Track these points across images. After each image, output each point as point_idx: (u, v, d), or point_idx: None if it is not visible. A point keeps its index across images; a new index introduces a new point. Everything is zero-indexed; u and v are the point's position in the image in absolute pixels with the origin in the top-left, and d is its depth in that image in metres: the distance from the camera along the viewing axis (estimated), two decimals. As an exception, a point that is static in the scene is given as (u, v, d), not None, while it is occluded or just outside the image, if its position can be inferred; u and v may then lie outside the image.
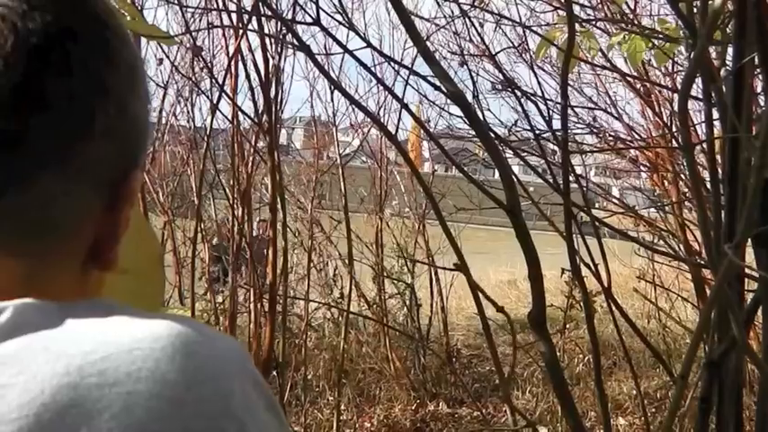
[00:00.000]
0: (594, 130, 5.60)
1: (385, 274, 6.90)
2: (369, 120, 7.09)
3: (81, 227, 0.74)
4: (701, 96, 2.45)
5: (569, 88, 2.36)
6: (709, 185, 2.20)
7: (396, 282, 7.05)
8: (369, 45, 2.37)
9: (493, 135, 2.54)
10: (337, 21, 2.43)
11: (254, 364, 0.73)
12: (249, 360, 0.72)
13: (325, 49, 5.11)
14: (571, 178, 2.31)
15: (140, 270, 1.08)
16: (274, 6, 3.16)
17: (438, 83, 2.30)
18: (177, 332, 0.66)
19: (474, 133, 5.45)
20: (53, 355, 0.61)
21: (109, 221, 0.76)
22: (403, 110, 6.26)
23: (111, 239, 0.77)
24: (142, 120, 0.78)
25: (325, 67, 6.07)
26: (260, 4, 3.78)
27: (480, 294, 2.29)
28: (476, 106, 3.36)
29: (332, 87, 5.90)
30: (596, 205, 5.81)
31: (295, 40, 2.13)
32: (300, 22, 2.38)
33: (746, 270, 2.02)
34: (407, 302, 6.97)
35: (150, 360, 0.63)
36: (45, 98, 0.67)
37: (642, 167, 6.19)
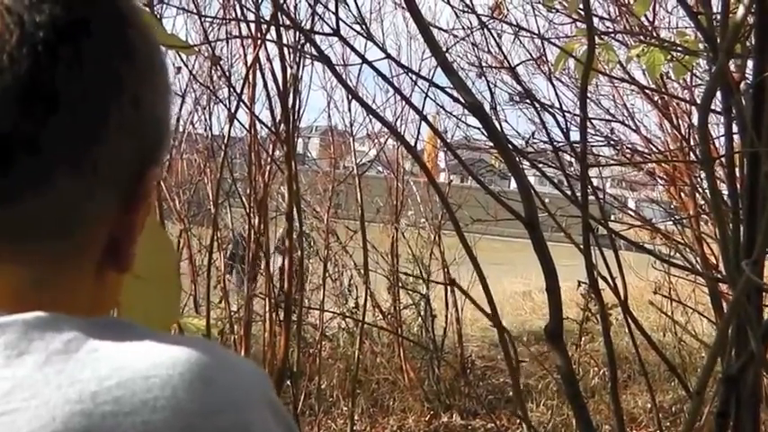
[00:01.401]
0: (612, 143, 5.59)
1: (400, 284, 6.89)
2: (385, 130, 7.11)
3: (97, 228, 0.71)
4: (720, 110, 2.45)
5: (587, 100, 2.36)
6: (727, 199, 2.20)
7: (411, 292, 7.04)
8: (388, 56, 2.38)
9: (510, 146, 2.54)
10: (356, 31, 2.44)
11: (273, 389, 0.71)
12: (269, 386, 0.70)
13: (343, 59, 5.13)
14: (588, 190, 2.31)
15: (156, 278, 1.08)
16: (293, 16, 3.17)
17: (456, 94, 2.31)
18: (195, 359, 0.63)
19: (490, 144, 5.47)
20: (66, 380, 0.59)
21: (125, 221, 0.73)
22: (419, 120, 6.29)
23: (129, 240, 0.74)
24: (161, 116, 0.75)
25: (343, 78, 6.09)
26: (279, 13, 3.80)
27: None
28: (493, 117, 3.36)
29: (349, 97, 5.92)
30: (612, 217, 5.80)
31: (315, 51, 2.13)
32: (320, 33, 2.38)
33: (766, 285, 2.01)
34: (422, 313, 6.96)
35: (168, 388, 0.60)
36: (55, 96, 0.65)
37: (659, 180, 6.17)
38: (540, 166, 3.33)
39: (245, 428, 0.63)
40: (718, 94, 2.15)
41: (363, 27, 2.49)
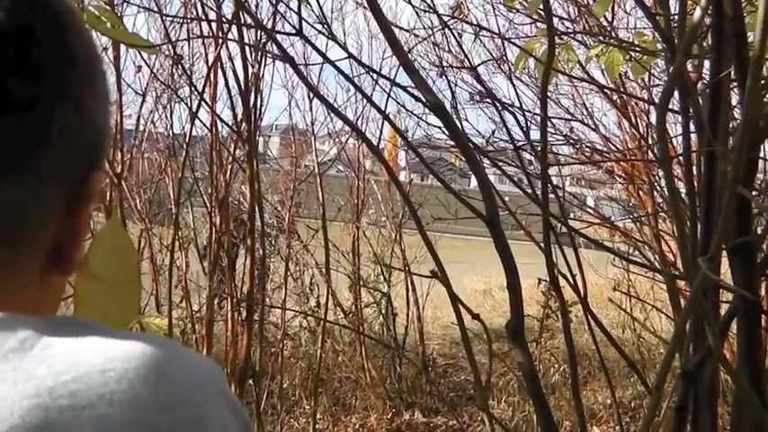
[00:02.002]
0: (571, 141, 5.64)
1: (361, 283, 6.91)
2: (346, 129, 7.12)
3: (43, 232, 0.72)
4: (677, 109, 2.49)
5: (547, 100, 2.39)
6: (685, 197, 2.24)
7: (372, 291, 7.06)
8: (350, 56, 2.39)
9: (471, 145, 2.56)
10: (318, 30, 2.45)
11: (228, 385, 0.71)
12: (225, 382, 0.70)
13: (305, 58, 5.13)
14: (548, 189, 2.33)
15: (117, 278, 1.09)
16: (255, 15, 3.17)
17: (418, 93, 2.32)
18: (150, 353, 0.63)
19: (451, 143, 5.50)
20: (23, 376, 0.59)
21: (70, 224, 0.74)
22: (380, 119, 6.31)
23: (73, 243, 0.75)
24: (102, 120, 0.76)
25: (306, 77, 6.09)
26: (240, 12, 3.80)
27: (472, 296, 2.31)
28: (454, 116, 3.38)
29: (311, 96, 5.92)
30: (571, 215, 5.85)
31: (278, 50, 2.14)
32: (283, 33, 2.39)
33: (722, 282, 2.04)
34: (383, 312, 6.98)
35: (124, 382, 0.60)
36: (3, 100, 0.66)
37: (618, 178, 6.24)
38: (501, 164, 3.35)
39: (202, 422, 0.63)
40: (676, 93, 2.18)
41: (326, 27, 2.50)
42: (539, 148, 3.17)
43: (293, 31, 2.18)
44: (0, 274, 0.69)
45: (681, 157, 2.47)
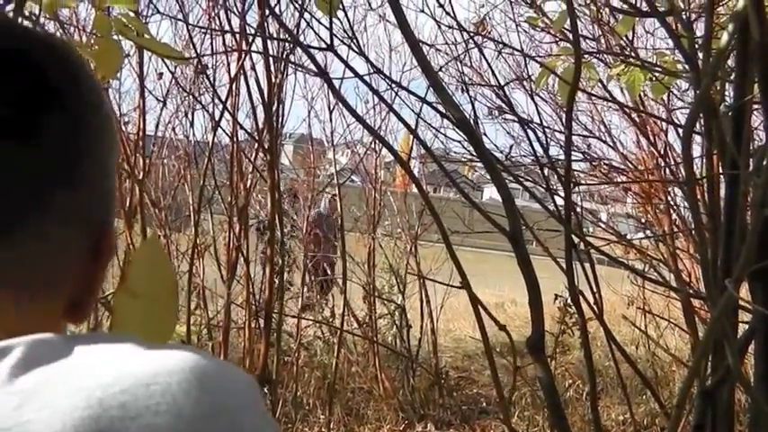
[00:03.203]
0: (589, 158, 5.66)
1: (376, 294, 6.93)
2: (364, 140, 7.17)
3: (68, 281, 0.77)
4: (699, 131, 2.51)
5: (571, 118, 2.42)
6: (706, 219, 2.26)
7: (386, 302, 7.08)
8: (378, 71, 2.42)
9: (496, 161, 2.59)
10: (348, 45, 2.48)
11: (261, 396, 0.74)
12: (258, 393, 0.73)
13: (325, 69, 5.16)
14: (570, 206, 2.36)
15: (155, 295, 1.11)
16: (285, 26, 3.21)
17: (442, 108, 2.35)
18: (191, 366, 0.66)
19: (466, 156, 5.52)
20: (72, 389, 0.62)
21: (91, 275, 0.80)
22: (396, 131, 6.33)
23: (91, 293, 0.81)
24: (113, 167, 0.82)
25: (323, 89, 6.14)
26: (264, 23, 3.84)
27: (482, 313, 2.33)
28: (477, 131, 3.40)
29: (330, 107, 5.97)
30: (585, 230, 5.87)
31: (312, 63, 2.18)
32: (315, 47, 2.42)
33: (741, 303, 2.06)
34: (397, 323, 7.00)
35: (168, 394, 0.63)
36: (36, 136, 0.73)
37: (635, 196, 6.25)
38: (520, 180, 3.38)
39: (238, 429, 0.66)
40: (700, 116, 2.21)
41: (354, 42, 2.54)
42: (559, 165, 3.20)
43: (324, 47, 2.22)
44: (30, 321, 0.72)
45: (702, 179, 2.49)
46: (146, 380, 0.64)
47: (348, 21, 2.57)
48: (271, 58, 4.34)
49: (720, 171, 2.11)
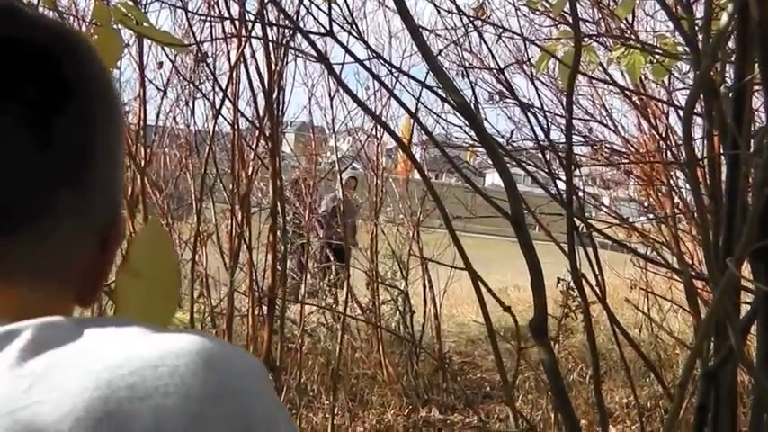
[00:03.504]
0: (590, 142, 5.66)
1: (379, 280, 6.94)
2: (365, 127, 7.18)
3: (77, 272, 0.80)
4: (700, 112, 2.51)
5: (572, 102, 2.42)
6: (707, 200, 2.26)
7: (389, 288, 7.09)
8: (378, 56, 2.42)
9: (498, 146, 2.59)
10: (347, 31, 2.48)
11: (268, 378, 0.74)
12: (267, 376, 0.73)
13: (325, 55, 5.15)
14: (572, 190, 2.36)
15: (157, 276, 1.12)
16: (286, 12, 3.21)
17: (443, 93, 2.36)
18: (198, 349, 0.67)
19: (468, 142, 5.53)
20: (81, 371, 0.63)
21: (100, 263, 0.82)
22: (398, 117, 6.34)
23: (100, 282, 0.83)
24: (121, 156, 0.84)
25: (323, 76, 6.14)
26: (264, 10, 3.83)
27: (485, 296, 2.34)
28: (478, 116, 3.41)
29: (331, 94, 5.97)
30: (588, 215, 5.87)
31: (312, 50, 2.18)
32: (314, 33, 2.42)
33: (743, 282, 2.07)
34: (401, 309, 7.01)
35: (176, 375, 0.64)
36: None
37: (637, 179, 6.26)
38: (522, 164, 3.38)
39: (249, 411, 0.66)
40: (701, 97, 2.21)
41: (353, 27, 2.54)
42: (560, 149, 3.20)
43: (323, 31, 2.23)
44: (39, 308, 0.73)
45: (703, 160, 2.50)
46: (154, 362, 0.65)
47: (348, 6, 2.57)
48: (271, 45, 4.34)
49: (721, 152, 2.12)
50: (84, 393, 0.61)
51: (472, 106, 4.18)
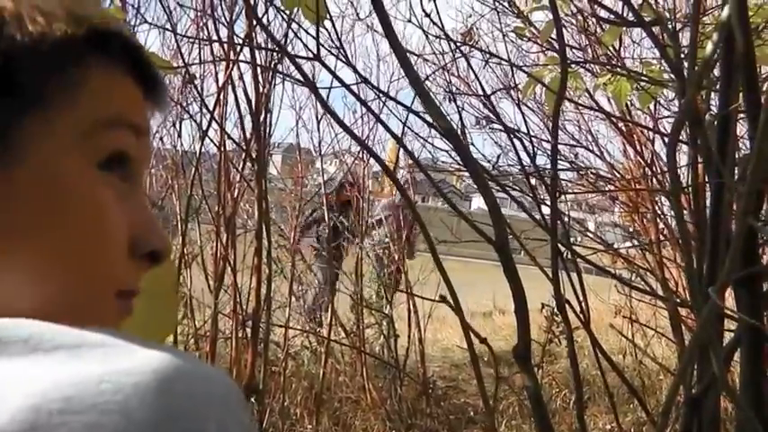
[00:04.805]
0: (576, 167, 5.68)
1: (364, 303, 6.93)
2: (352, 150, 7.18)
3: None
4: (685, 140, 2.53)
5: (558, 127, 2.43)
6: (691, 228, 2.27)
7: (374, 312, 7.08)
8: (365, 80, 2.43)
9: (484, 171, 2.60)
10: (335, 56, 2.49)
11: (240, 399, 0.69)
12: (236, 397, 0.68)
13: (313, 79, 5.18)
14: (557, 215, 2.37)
15: (155, 290, 1.12)
16: (272, 36, 3.21)
17: (429, 118, 2.36)
18: (156, 367, 0.63)
19: (455, 166, 5.54)
20: (23, 377, 0.60)
21: None
22: (384, 141, 6.35)
23: None
24: None
25: (311, 98, 6.15)
26: (253, 33, 3.84)
27: (467, 328, 2.33)
28: (462, 141, 3.41)
29: (318, 117, 5.98)
30: (572, 240, 5.88)
31: (299, 74, 2.19)
32: (302, 57, 2.43)
33: (726, 311, 2.08)
34: (385, 333, 6.99)
35: (120, 393, 0.60)
36: None
37: (622, 205, 6.28)
38: (506, 189, 3.39)
39: None
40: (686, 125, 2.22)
41: (341, 51, 2.55)
42: (546, 174, 3.22)
43: (311, 56, 2.23)
44: None
45: (688, 188, 2.51)
46: (100, 376, 0.61)
47: (335, 30, 2.57)
48: (258, 68, 4.35)
49: (706, 180, 2.13)
50: (17, 400, 0.58)
51: (459, 131, 4.20)
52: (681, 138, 2.58)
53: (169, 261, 1.39)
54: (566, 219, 4.55)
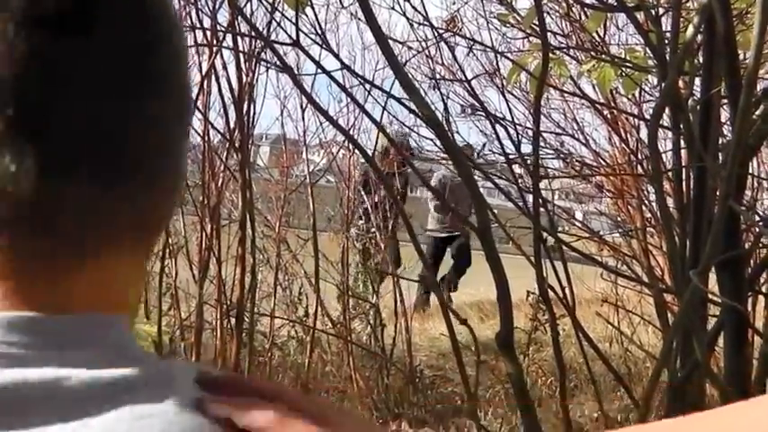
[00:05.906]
0: (561, 155, 5.68)
1: (350, 293, 6.91)
2: (338, 139, 7.15)
3: None
4: (668, 125, 2.52)
5: (540, 114, 2.42)
6: (674, 213, 2.26)
7: (360, 301, 7.06)
8: (346, 67, 2.41)
9: (466, 159, 2.59)
10: (315, 41, 2.47)
11: None
12: None
13: (297, 67, 5.15)
14: (539, 202, 2.36)
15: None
16: (253, 23, 3.19)
17: (413, 105, 2.35)
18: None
19: (441, 155, 5.52)
20: None
21: None
22: (371, 130, 6.34)
23: None
24: None
25: (304, 88, 6.12)
26: (236, 21, 3.82)
27: (448, 310, 2.33)
28: (447, 129, 3.40)
29: (303, 106, 5.95)
30: (559, 229, 5.88)
31: (278, 61, 2.17)
32: (281, 42, 2.41)
33: (709, 295, 2.07)
34: (372, 322, 6.98)
35: None
36: None
37: (608, 193, 6.28)
38: (492, 177, 3.38)
39: None
40: (667, 109, 2.21)
41: (322, 38, 2.53)
42: (530, 162, 3.21)
43: (290, 42, 2.21)
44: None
45: (671, 173, 2.50)
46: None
47: (316, 17, 2.56)
48: (242, 56, 4.32)
49: (688, 164, 2.12)
50: None
51: (443, 119, 4.19)
52: (663, 123, 2.57)
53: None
54: (552, 207, 4.54)
